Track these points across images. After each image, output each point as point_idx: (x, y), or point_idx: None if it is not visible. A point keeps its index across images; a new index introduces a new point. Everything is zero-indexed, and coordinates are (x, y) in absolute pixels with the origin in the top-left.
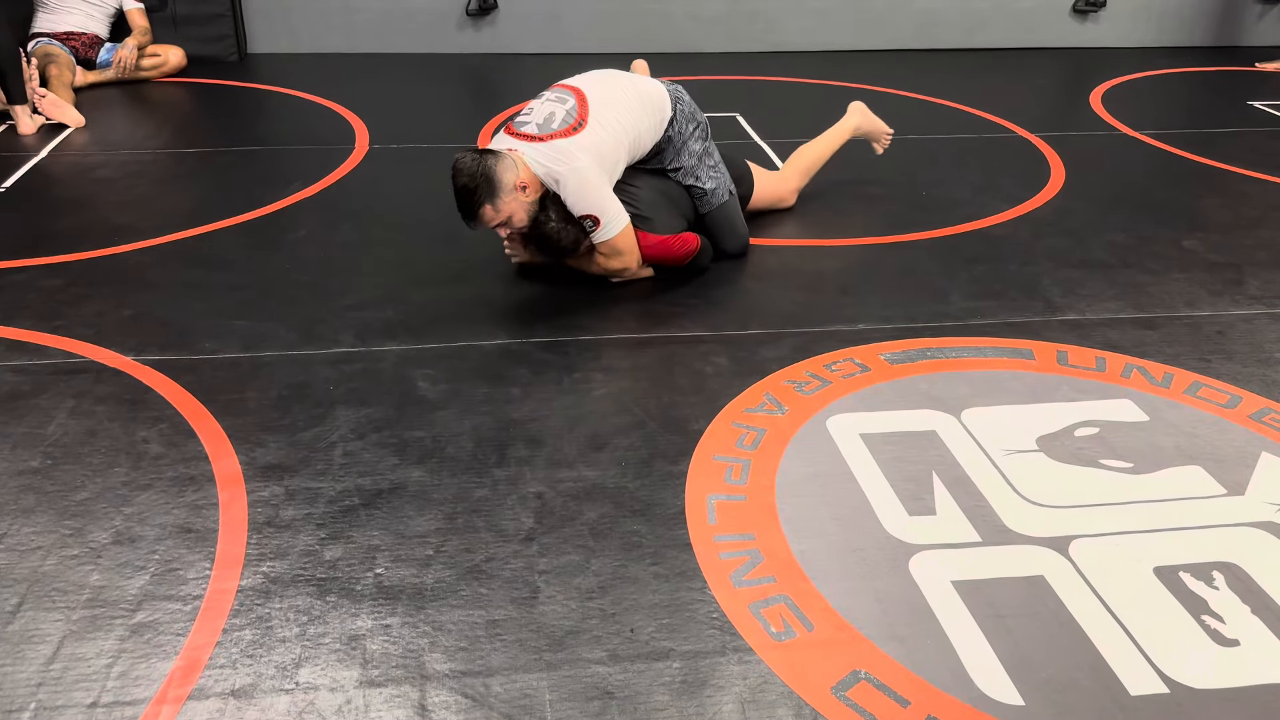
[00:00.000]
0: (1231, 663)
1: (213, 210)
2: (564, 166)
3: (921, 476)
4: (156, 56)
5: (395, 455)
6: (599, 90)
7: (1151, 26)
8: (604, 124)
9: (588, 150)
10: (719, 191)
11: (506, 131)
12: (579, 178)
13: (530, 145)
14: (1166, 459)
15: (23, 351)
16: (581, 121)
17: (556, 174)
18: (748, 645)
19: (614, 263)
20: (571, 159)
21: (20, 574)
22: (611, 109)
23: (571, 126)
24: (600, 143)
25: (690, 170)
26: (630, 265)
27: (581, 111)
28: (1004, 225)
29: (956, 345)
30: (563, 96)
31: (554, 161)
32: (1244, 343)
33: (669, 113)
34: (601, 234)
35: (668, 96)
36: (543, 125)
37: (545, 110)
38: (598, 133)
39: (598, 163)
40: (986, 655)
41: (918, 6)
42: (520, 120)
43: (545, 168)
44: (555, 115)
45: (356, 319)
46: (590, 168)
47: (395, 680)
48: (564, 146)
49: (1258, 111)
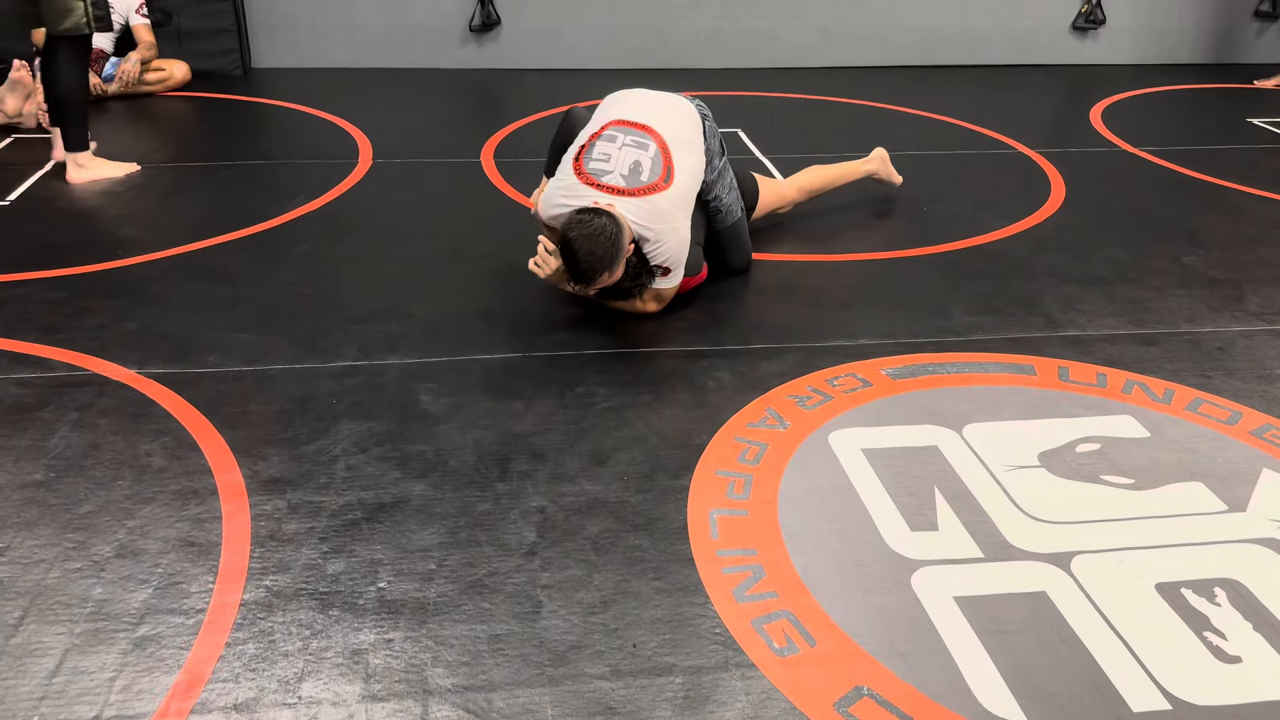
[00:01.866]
0: (1233, 680)
1: (216, 224)
2: (664, 225)
3: (923, 492)
4: (161, 71)
5: (398, 469)
6: (670, 128)
7: (1151, 44)
8: (685, 169)
9: (680, 206)
10: (734, 209)
11: (584, 179)
12: (678, 239)
13: (623, 200)
14: (1168, 475)
15: (26, 364)
16: (669, 170)
17: (656, 231)
18: (750, 661)
19: (652, 305)
20: (671, 218)
21: (23, 587)
22: (686, 150)
23: (662, 178)
24: (687, 193)
25: (709, 186)
26: (661, 307)
27: (666, 159)
28: (1005, 241)
29: (958, 361)
30: (641, 141)
31: (654, 220)
32: (1244, 359)
33: (701, 126)
34: (665, 282)
35: (698, 114)
36: (630, 177)
37: (628, 158)
38: (684, 182)
39: (688, 217)
40: (989, 671)
41: (918, 23)
42: (598, 168)
43: (641, 225)
44: (642, 165)
45: (359, 333)
46: (686, 227)
47: (398, 695)
48: (662, 205)
49: (1257, 128)
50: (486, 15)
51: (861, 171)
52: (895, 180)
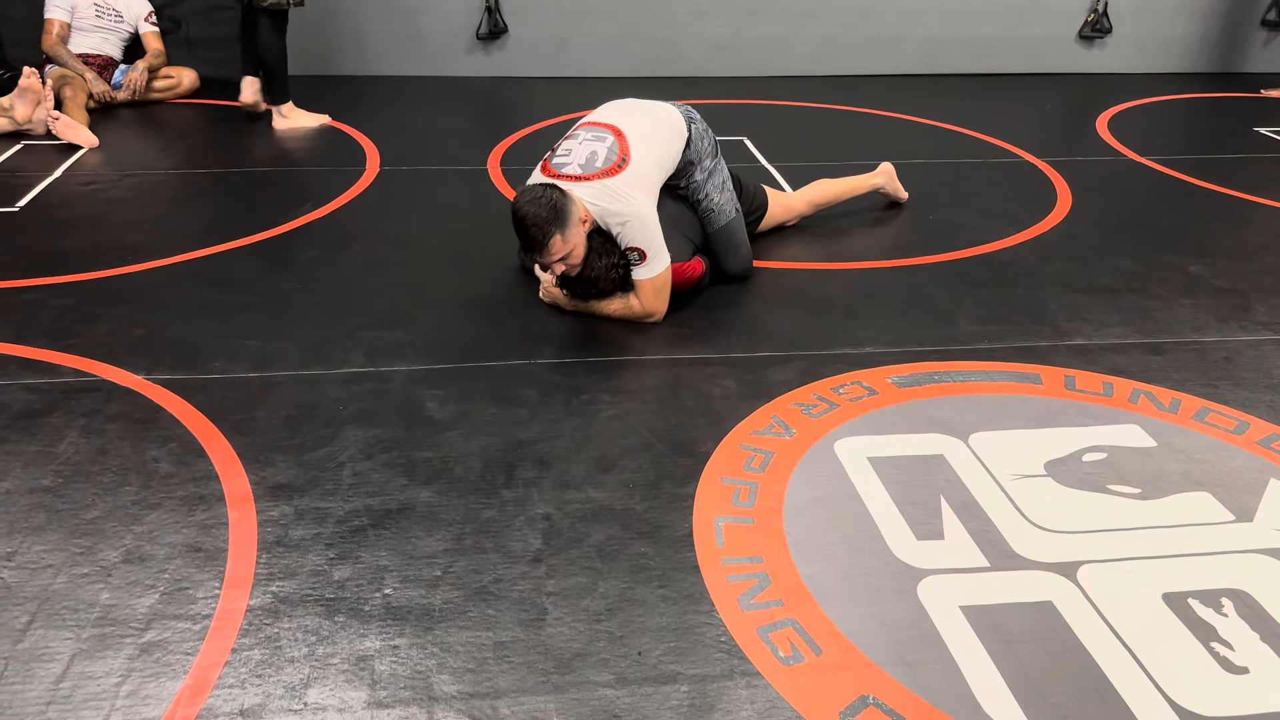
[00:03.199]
0: (1240, 690)
1: (224, 231)
2: (622, 205)
3: (929, 501)
4: (170, 78)
5: (404, 475)
6: (631, 124)
7: (1158, 52)
8: (645, 158)
9: (637, 185)
10: (726, 209)
11: (546, 173)
12: (639, 215)
13: (578, 185)
14: (1174, 485)
15: (34, 370)
16: (625, 158)
17: (614, 212)
18: (755, 669)
19: (647, 301)
20: (628, 197)
21: (31, 592)
22: (647, 143)
23: (616, 164)
24: (646, 177)
25: (700, 186)
26: (659, 309)
27: (623, 148)
28: (1010, 250)
29: (964, 369)
30: (600, 135)
31: (609, 200)
32: (1251, 368)
33: (686, 135)
34: (645, 270)
35: (683, 119)
36: (586, 165)
37: (585, 150)
38: (642, 166)
39: (649, 198)
40: (994, 681)
41: (924, 32)
42: (560, 161)
43: (599, 207)
44: (598, 154)
45: (366, 339)
46: (647, 204)
47: (403, 701)
48: (615, 185)
49: (1264, 137)
50: (494, 24)
51: (868, 185)
52: (901, 196)
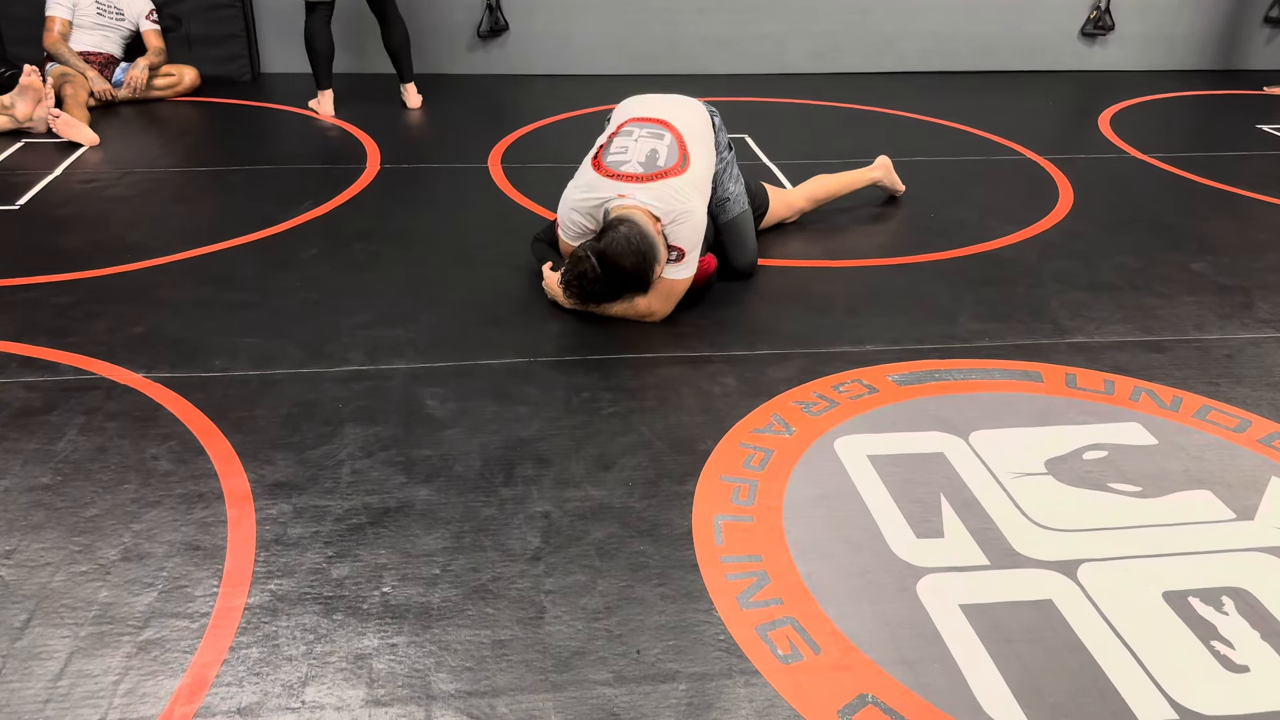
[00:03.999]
0: (1241, 689)
1: (224, 229)
2: (681, 207)
3: (929, 499)
4: (171, 76)
5: (403, 473)
6: (684, 121)
7: (1160, 50)
8: (699, 157)
9: (696, 188)
10: (740, 200)
11: (602, 172)
12: (694, 220)
13: (640, 186)
14: (1175, 483)
15: (34, 368)
16: (685, 157)
17: (674, 213)
18: (754, 668)
19: (656, 302)
20: (687, 199)
21: (29, 590)
22: (699, 143)
23: (678, 164)
24: (702, 179)
25: (717, 175)
26: (665, 311)
27: (682, 147)
28: (1012, 247)
29: (964, 367)
30: (657, 132)
31: (672, 200)
32: (1253, 366)
33: (714, 132)
34: (677, 271)
35: (707, 111)
36: (647, 164)
37: (645, 147)
38: (699, 168)
39: (704, 202)
40: (994, 680)
41: (926, 29)
42: (616, 159)
43: (661, 208)
44: (659, 153)
45: (366, 337)
46: (702, 208)
47: (401, 700)
48: (679, 186)
49: (1267, 135)
50: (495, 21)
51: (866, 179)
52: (898, 188)
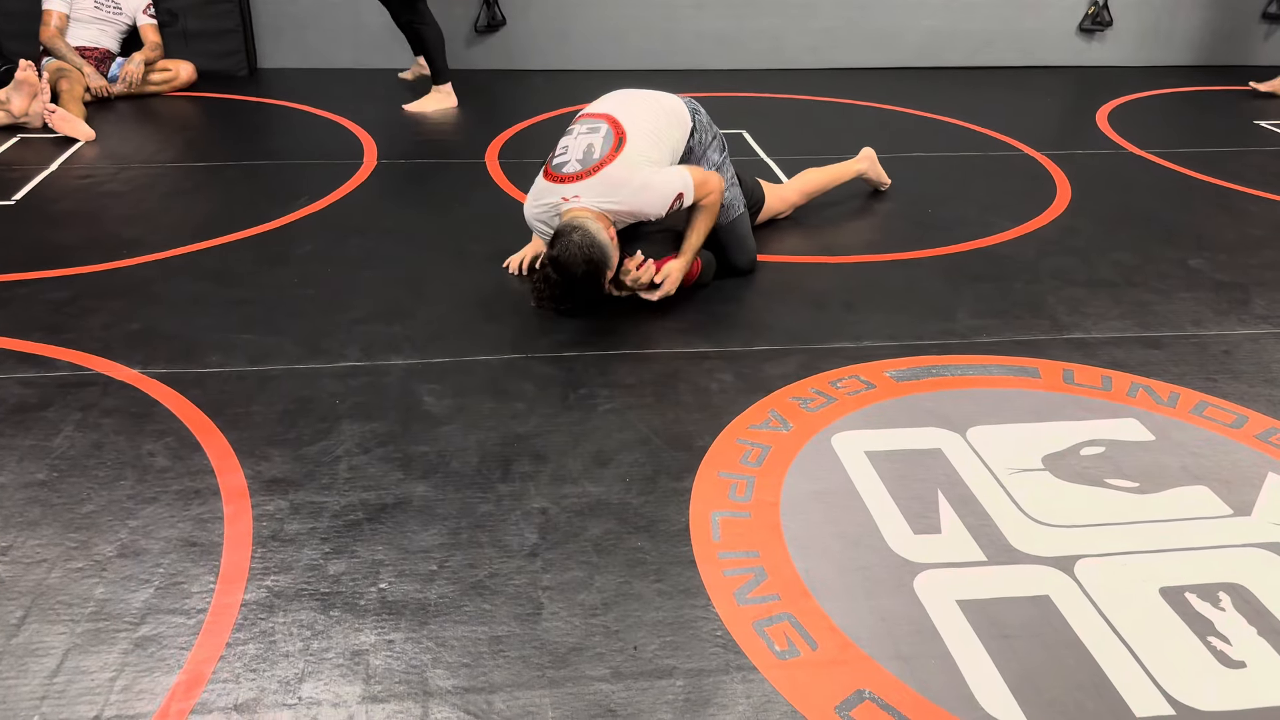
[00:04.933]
0: (1237, 685)
1: (221, 224)
2: (624, 191)
3: (927, 495)
4: (167, 71)
5: (400, 470)
6: (626, 111)
7: (1158, 46)
8: (640, 136)
9: (644, 157)
10: (734, 205)
11: (548, 178)
12: (656, 183)
13: (581, 184)
14: (1172, 479)
15: (30, 364)
16: (621, 140)
17: (620, 201)
18: (751, 664)
19: (713, 196)
20: (635, 172)
21: (25, 586)
22: (643, 120)
23: (613, 148)
24: (649, 148)
25: None
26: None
27: (618, 131)
28: (1010, 244)
29: (962, 363)
30: (595, 126)
31: (616, 187)
32: (1250, 362)
33: (690, 124)
34: (693, 195)
35: (686, 109)
36: (584, 159)
37: (582, 144)
38: (640, 141)
39: (650, 164)
40: (991, 675)
41: (924, 25)
42: (559, 161)
43: (606, 200)
44: (594, 146)
45: (362, 333)
46: (646, 172)
47: (398, 696)
48: (613, 173)
49: (1265, 131)
50: (492, 16)
51: (853, 171)
52: (884, 181)
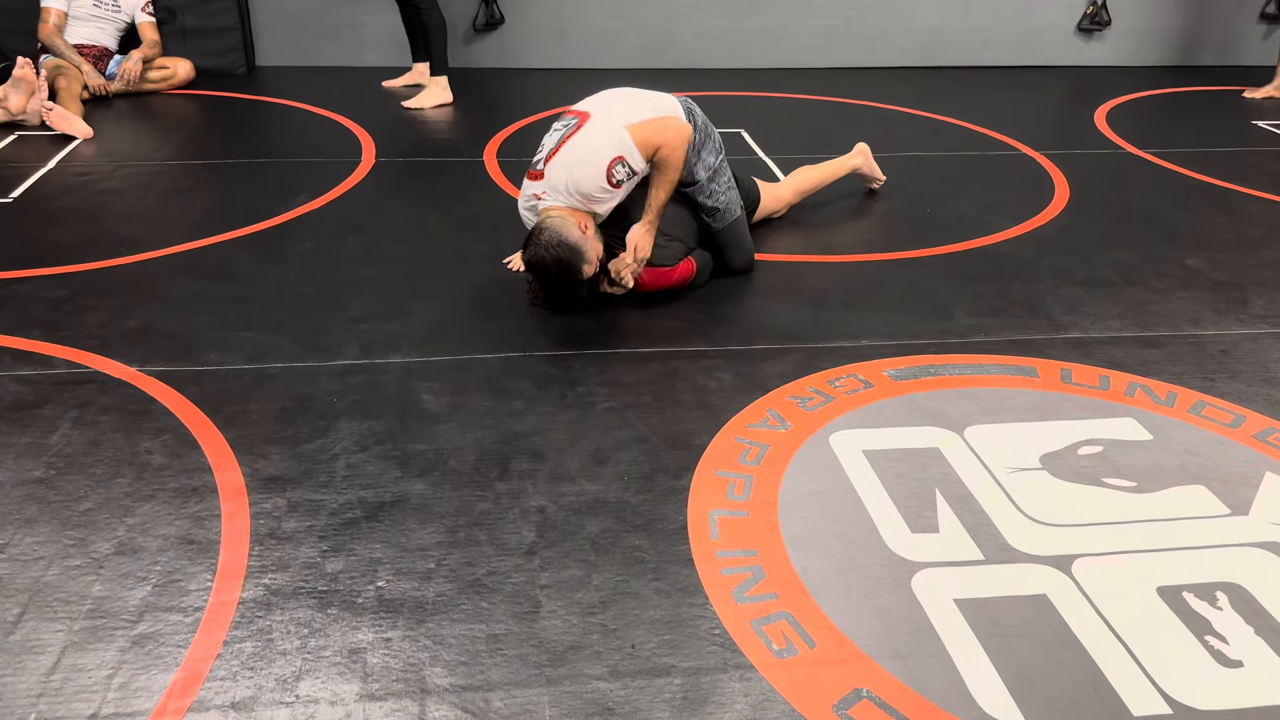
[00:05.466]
0: (1235, 684)
1: (219, 222)
2: (565, 177)
3: (924, 494)
4: (165, 69)
5: (398, 468)
6: (605, 107)
7: (1156, 46)
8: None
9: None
10: (731, 208)
11: (528, 176)
12: (578, 169)
13: (542, 182)
14: (1170, 478)
15: (27, 361)
16: (581, 126)
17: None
18: (749, 662)
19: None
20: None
21: (22, 584)
22: (615, 104)
23: (572, 133)
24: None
25: (703, 187)
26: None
27: (581, 119)
28: (1008, 243)
29: (960, 362)
30: (568, 121)
31: (572, 167)
32: (1248, 362)
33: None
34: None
35: (680, 106)
36: (548, 152)
37: (552, 140)
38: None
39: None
40: (989, 674)
41: (923, 24)
42: (535, 159)
43: (569, 181)
44: (557, 136)
45: (360, 331)
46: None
47: (395, 694)
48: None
49: (1262, 131)
50: (490, 14)
51: (848, 167)
52: (878, 177)
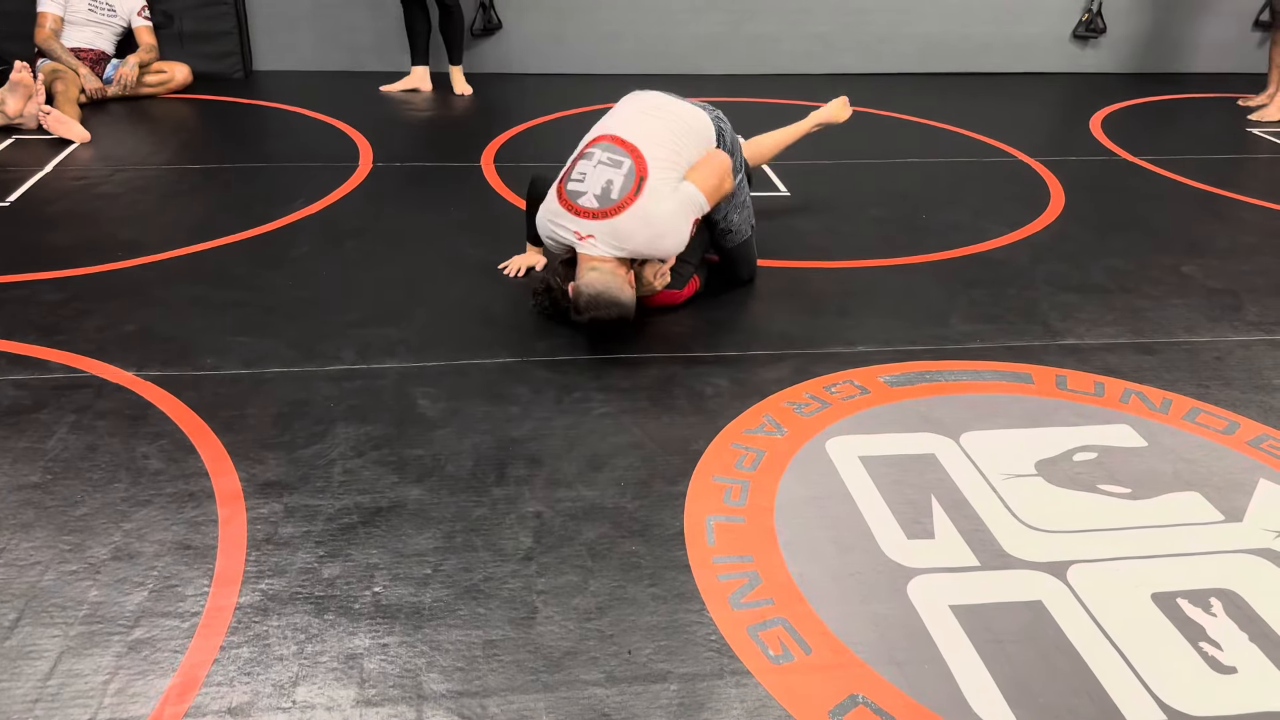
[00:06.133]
0: (1229, 690)
1: (216, 227)
2: (637, 240)
3: (920, 500)
4: (163, 73)
5: (394, 473)
6: (647, 135)
7: (1151, 53)
8: (661, 164)
9: (648, 211)
10: (743, 228)
11: (564, 203)
12: (659, 241)
13: (595, 224)
14: (1165, 485)
15: (24, 366)
16: (641, 181)
17: (633, 250)
18: (745, 668)
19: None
20: (635, 233)
21: (18, 589)
22: (664, 146)
23: (632, 191)
24: (659, 190)
25: (719, 205)
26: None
27: (639, 169)
28: (1003, 249)
29: (956, 369)
30: (616, 158)
31: (626, 239)
32: (1242, 369)
33: (714, 144)
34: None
35: (712, 127)
36: (601, 198)
37: (601, 178)
38: (655, 181)
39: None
40: (984, 681)
41: (919, 30)
42: (575, 189)
43: (627, 246)
44: (613, 184)
45: (357, 336)
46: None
47: (392, 700)
48: (626, 223)
49: (1257, 138)
50: (488, 20)
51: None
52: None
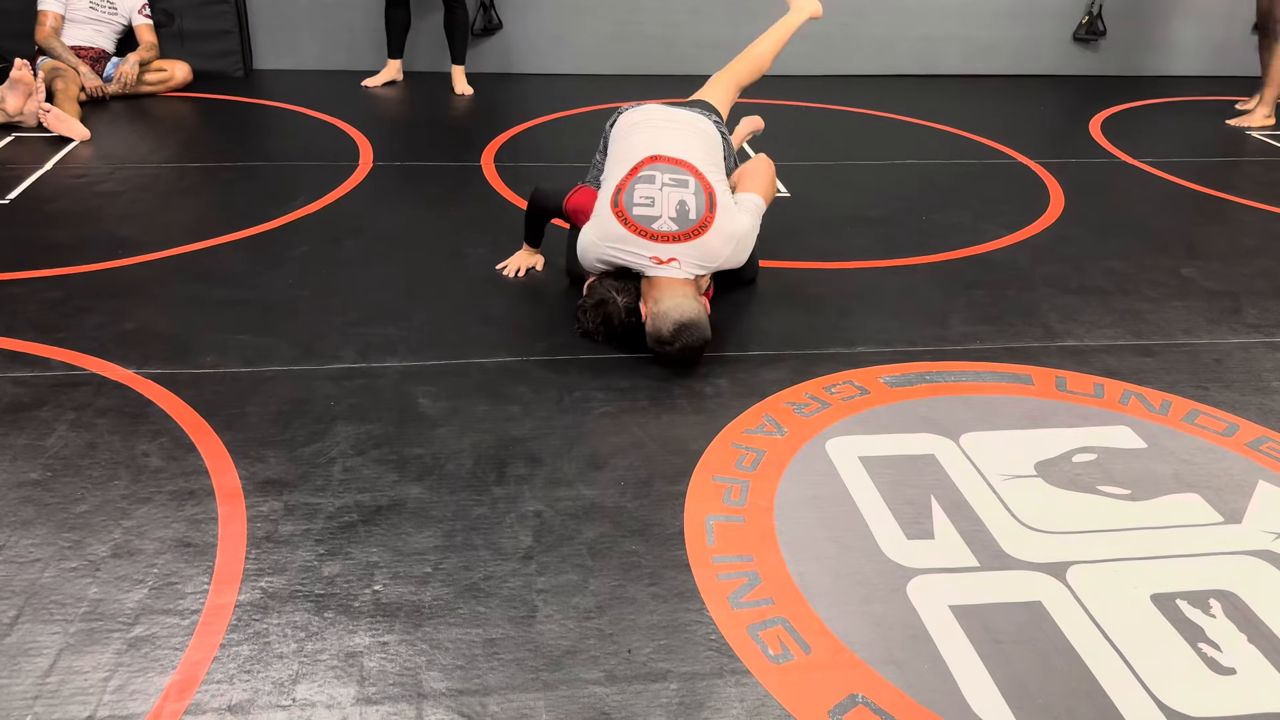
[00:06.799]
0: (1228, 691)
1: (216, 225)
2: (720, 259)
3: (920, 500)
4: (163, 71)
5: (395, 472)
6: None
7: (1151, 55)
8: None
9: (724, 226)
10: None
11: (631, 227)
12: (737, 256)
13: (679, 247)
14: (1164, 486)
15: (24, 363)
16: (712, 199)
17: (723, 263)
18: (745, 667)
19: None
20: (720, 251)
21: (18, 586)
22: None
23: (708, 209)
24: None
25: None
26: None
27: (706, 186)
28: (1003, 251)
29: (955, 370)
30: (681, 179)
31: (710, 259)
32: (1241, 371)
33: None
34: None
35: (716, 131)
36: (679, 219)
37: (673, 199)
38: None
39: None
40: (983, 681)
41: (918, 33)
42: (645, 214)
43: (704, 266)
44: (688, 205)
45: (358, 335)
46: (738, 237)
47: (392, 698)
48: (712, 242)
49: (1256, 141)
50: (489, 20)
51: (795, 24)
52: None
